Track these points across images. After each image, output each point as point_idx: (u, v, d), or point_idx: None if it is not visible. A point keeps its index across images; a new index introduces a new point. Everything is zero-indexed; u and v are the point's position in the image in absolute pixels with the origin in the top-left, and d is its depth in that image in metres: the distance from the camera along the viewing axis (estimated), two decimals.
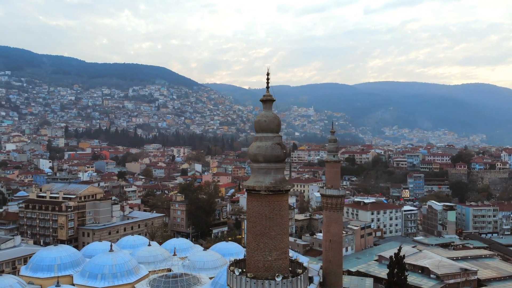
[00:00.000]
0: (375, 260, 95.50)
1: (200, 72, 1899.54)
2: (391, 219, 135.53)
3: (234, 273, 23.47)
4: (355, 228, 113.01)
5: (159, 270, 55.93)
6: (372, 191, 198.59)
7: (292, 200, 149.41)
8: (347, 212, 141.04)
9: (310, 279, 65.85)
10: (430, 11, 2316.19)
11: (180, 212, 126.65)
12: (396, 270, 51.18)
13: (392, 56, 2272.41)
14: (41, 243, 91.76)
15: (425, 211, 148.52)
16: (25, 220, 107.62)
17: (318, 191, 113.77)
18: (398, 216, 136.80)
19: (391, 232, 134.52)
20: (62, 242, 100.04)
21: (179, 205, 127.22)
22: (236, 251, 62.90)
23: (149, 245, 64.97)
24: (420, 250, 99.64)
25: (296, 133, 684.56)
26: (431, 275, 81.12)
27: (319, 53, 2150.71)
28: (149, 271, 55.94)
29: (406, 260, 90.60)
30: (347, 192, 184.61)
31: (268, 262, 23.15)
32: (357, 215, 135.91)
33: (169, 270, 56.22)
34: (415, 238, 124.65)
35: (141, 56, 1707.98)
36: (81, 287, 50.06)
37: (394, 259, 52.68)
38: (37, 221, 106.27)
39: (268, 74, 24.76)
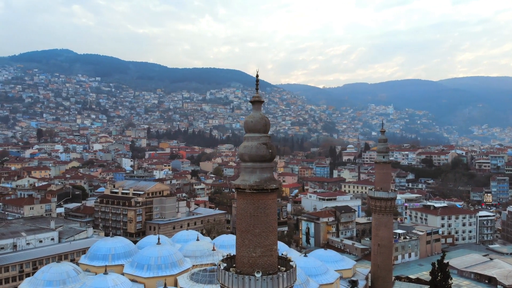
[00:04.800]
0: None
1: (276, 73, 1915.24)
2: (464, 225, 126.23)
3: (220, 267, 24.44)
4: (420, 233, 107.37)
5: (203, 264, 58.48)
6: (450, 195, 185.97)
7: (357, 203, 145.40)
8: (415, 217, 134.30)
9: (355, 283, 64.68)
10: None
11: None
12: (439, 277, 48.04)
13: (484, 49, 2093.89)
14: (110, 235, 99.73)
15: (504, 217, 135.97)
16: (99, 213, 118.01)
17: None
18: (473, 222, 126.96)
19: (464, 239, 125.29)
20: (131, 235, 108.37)
21: None
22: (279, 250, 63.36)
23: (198, 239, 67.88)
24: (491, 259, 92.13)
25: (373, 133, 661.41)
26: (498, 286, 74.69)
27: (402, 48, 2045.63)
28: (194, 265, 58.59)
29: (473, 269, 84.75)
30: (419, 195, 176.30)
31: (253, 259, 23.68)
32: (426, 219, 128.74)
33: (214, 264, 58.42)
34: (490, 246, 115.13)
35: (220, 60, 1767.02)
36: (129, 276, 53.88)
37: (437, 265, 49.51)
38: (110, 215, 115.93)
39: (257, 76, 25.29)
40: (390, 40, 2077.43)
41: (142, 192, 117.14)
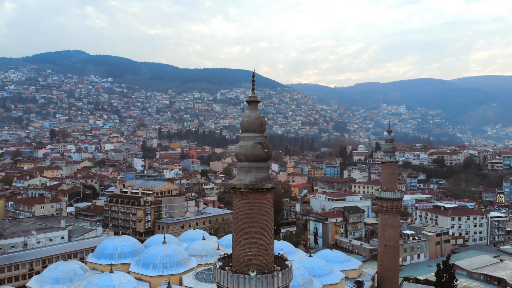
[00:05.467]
0: None
1: (287, 72, 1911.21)
2: (475, 226, 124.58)
3: (216, 266, 24.63)
4: (430, 234, 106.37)
5: (208, 263, 58.76)
6: (462, 196, 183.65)
7: (367, 203, 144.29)
8: (425, 218, 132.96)
9: (360, 283, 64.36)
10: None
11: None
12: (444, 278, 47.50)
13: (498, 48, 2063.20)
14: (119, 234, 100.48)
15: None
16: (109, 213, 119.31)
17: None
18: (484, 223, 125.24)
19: (474, 240, 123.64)
20: (140, 234, 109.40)
21: None
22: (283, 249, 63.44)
23: (203, 239, 68.25)
24: (502, 260, 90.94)
25: (385, 133, 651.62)
26: None
27: (415, 47, 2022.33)
28: (199, 264, 58.95)
29: (482, 271, 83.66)
30: (430, 196, 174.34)
31: (248, 258, 23.80)
32: (436, 220, 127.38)
33: None
34: (501, 247, 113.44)
35: (231, 61, 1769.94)
36: (134, 274, 54.46)
37: (442, 266, 48.94)
38: (119, 214, 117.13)
39: (253, 76, 25.47)
40: (403, 39, 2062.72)
41: (151, 192, 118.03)
